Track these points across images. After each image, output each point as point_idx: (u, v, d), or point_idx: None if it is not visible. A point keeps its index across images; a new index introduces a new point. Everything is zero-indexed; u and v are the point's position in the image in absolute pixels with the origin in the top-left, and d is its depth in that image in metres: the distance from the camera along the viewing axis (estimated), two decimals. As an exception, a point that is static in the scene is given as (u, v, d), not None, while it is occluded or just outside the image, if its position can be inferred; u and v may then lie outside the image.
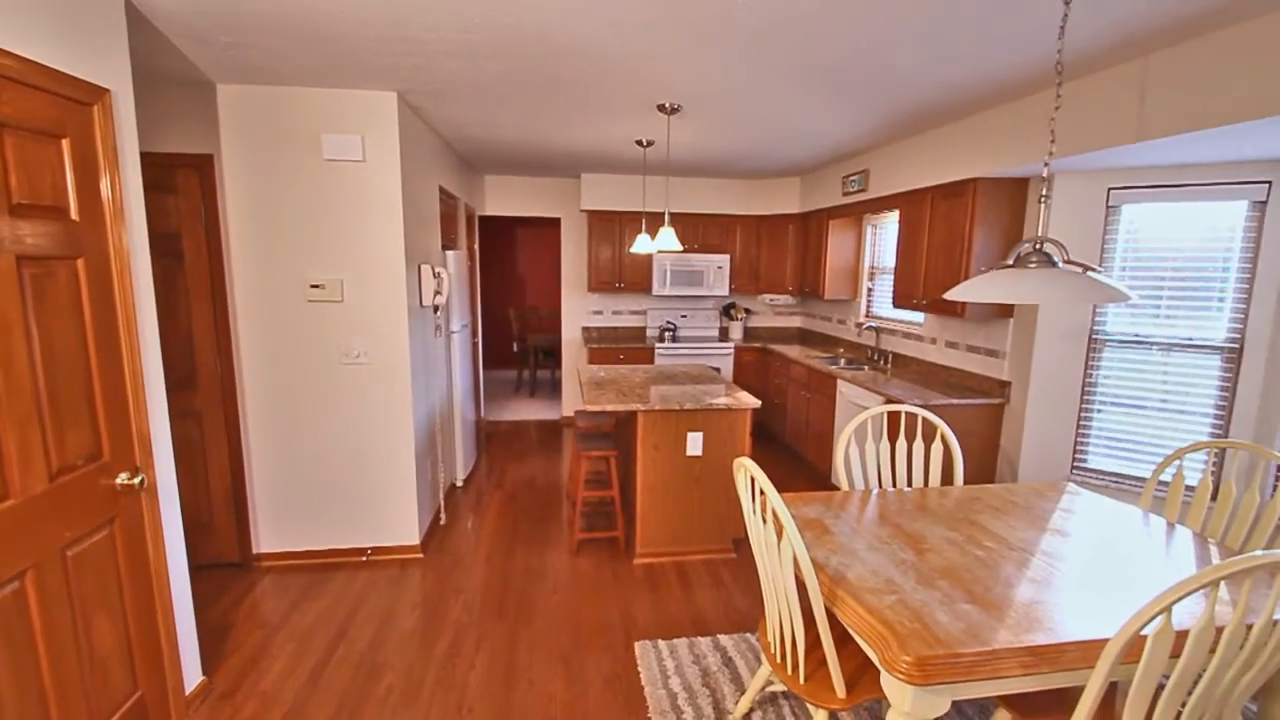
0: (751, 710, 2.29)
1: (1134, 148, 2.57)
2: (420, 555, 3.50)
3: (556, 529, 3.88)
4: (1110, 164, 2.96)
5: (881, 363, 4.84)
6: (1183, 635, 1.42)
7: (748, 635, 2.78)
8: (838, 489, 2.54)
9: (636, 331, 6.36)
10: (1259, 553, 1.25)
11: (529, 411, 6.92)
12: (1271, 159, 2.74)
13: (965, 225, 3.54)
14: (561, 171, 5.68)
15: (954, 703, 2.35)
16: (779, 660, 1.89)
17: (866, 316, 5.30)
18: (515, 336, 8.09)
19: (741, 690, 2.41)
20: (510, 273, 9.56)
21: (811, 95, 3.07)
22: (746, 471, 1.80)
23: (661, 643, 2.70)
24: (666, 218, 3.75)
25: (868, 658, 1.87)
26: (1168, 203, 3.06)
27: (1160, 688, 1.44)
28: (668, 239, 3.61)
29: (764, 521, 1.77)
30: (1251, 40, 2.09)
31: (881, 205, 4.47)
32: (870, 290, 5.30)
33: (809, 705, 2.25)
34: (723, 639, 2.74)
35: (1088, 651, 1.48)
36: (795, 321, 6.66)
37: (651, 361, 5.76)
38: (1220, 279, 2.97)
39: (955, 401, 3.58)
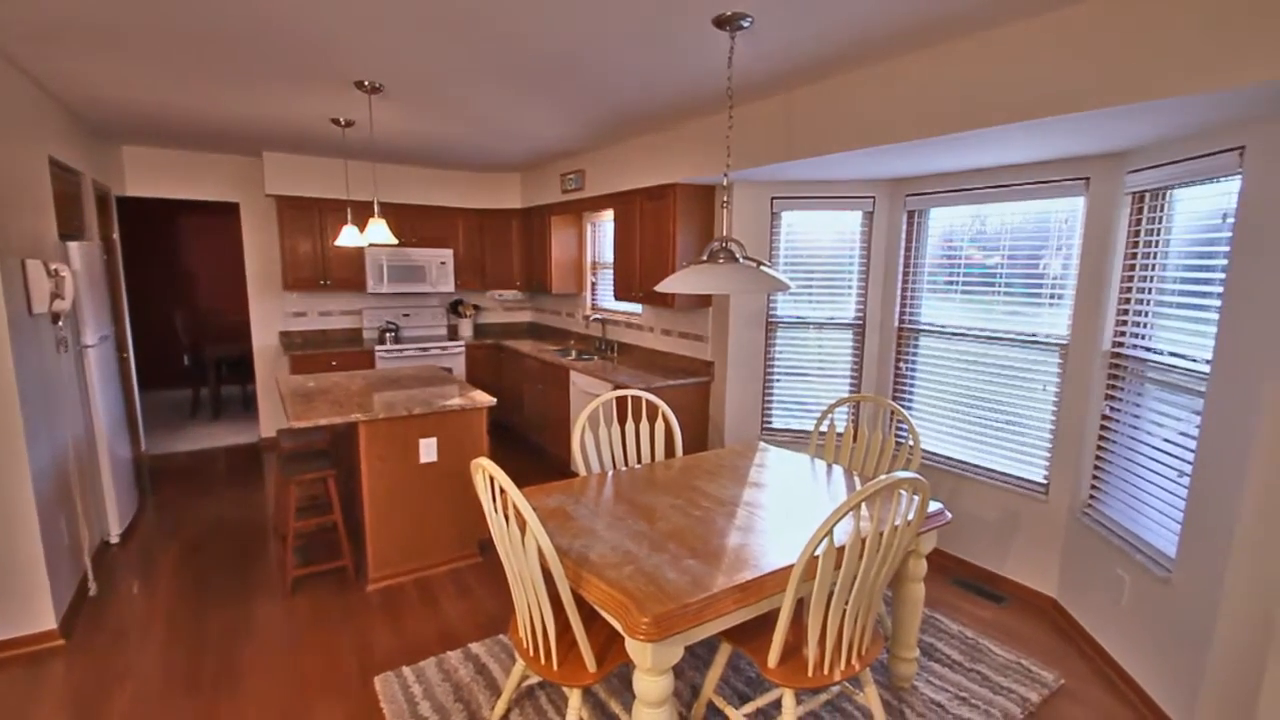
0: (509, 710, 2.25)
1: (786, 165, 3.16)
2: (61, 642, 2.65)
3: (263, 572, 3.30)
4: (772, 177, 3.59)
5: (609, 352, 5.16)
6: (841, 550, 1.79)
7: (500, 636, 2.73)
8: (578, 475, 2.63)
9: (351, 334, 5.73)
10: (882, 477, 1.64)
11: (213, 437, 5.75)
12: (876, 179, 3.61)
13: (669, 225, 3.95)
14: (236, 148, 4.80)
15: (687, 647, 2.63)
16: (532, 653, 1.89)
17: (592, 309, 5.60)
18: (186, 347, 6.63)
19: (498, 694, 2.35)
20: (173, 270, 7.79)
21: (522, 92, 3.09)
22: (485, 471, 1.75)
23: (406, 669, 2.49)
24: (376, 208, 3.44)
25: (614, 629, 1.98)
26: (812, 211, 3.83)
27: (831, 594, 1.82)
28: (379, 232, 3.31)
29: (506, 519, 1.74)
30: (859, 85, 2.72)
31: (598, 204, 4.75)
32: (594, 284, 5.60)
33: (564, 689, 2.30)
34: (474, 647, 2.64)
35: (780, 578, 1.78)
36: (526, 316, 6.72)
37: (372, 366, 5.25)
38: (849, 271, 3.83)
39: (672, 383, 4.00)
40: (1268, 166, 1.95)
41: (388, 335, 5.48)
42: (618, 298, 4.57)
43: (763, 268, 2.15)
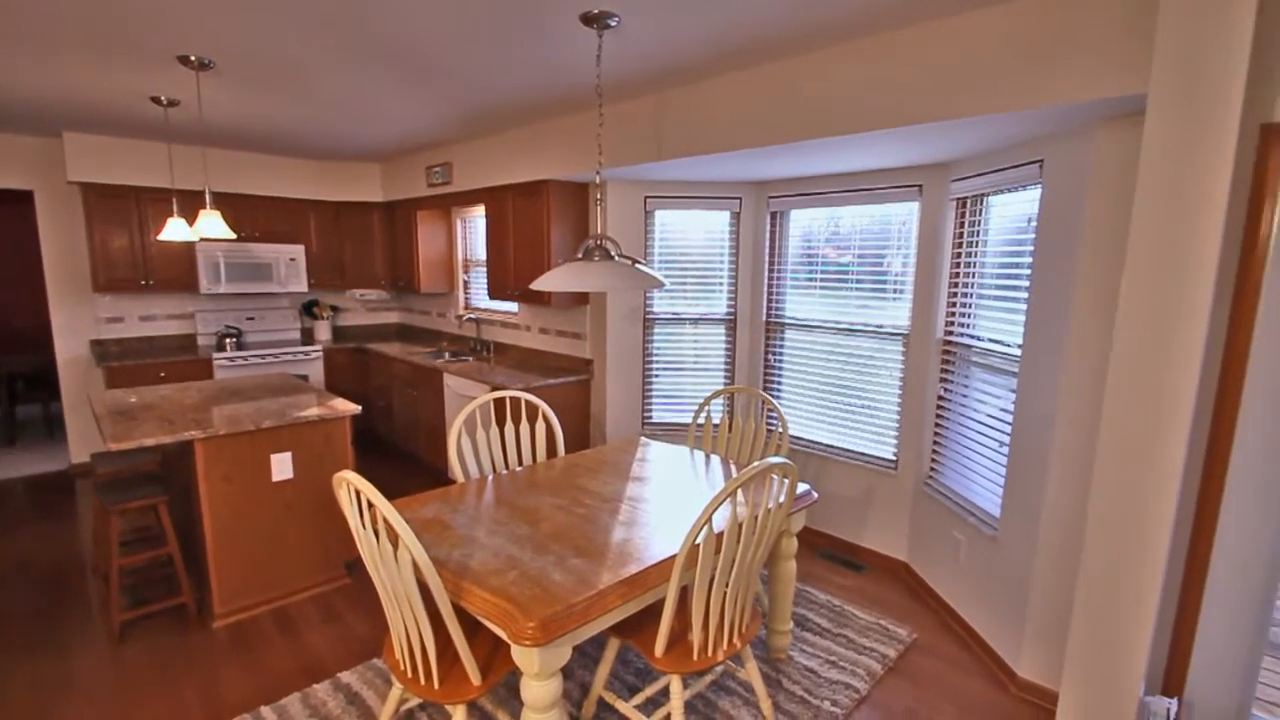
0: (385, 740, 2.11)
1: (658, 165, 3.22)
2: None
3: (82, 618, 2.83)
4: (645, 176, 3.65)
5: (485, 353, 5.00)
6: (721, 536, 1.86)
7: (374, 661, 2.54)
8: (456, 483, 2.51)
9: (183, 341, 5.08)
10: (755, 464, 1.72)
11: (9, 466, 4.85)
12: (742, 180, 3.78)
13: (543, 222, 3.89)
14: (27, 126, 4.07)
15: (575, 646, 2.61)
16: (410, 674, 1.78)
17: (465, 309, 5.39)
18: (-32, 363, 5.54)
19: (372, 723, 2.19)
20: (-54, 270, 6.47)
21: (379, 78, 2.89)
22: (350, 485, 1.62)
23: (265, 709, 2.25)
24: (208, 198, 3.05)
25: (499, 639, 1.92)
26: (684, 210, 3.94)
27: (712, 579, 1.88)
28: (212, 225, 2.95)
29: (377, 535, 1.62)
30: (724, 91, 2.83)
31: (468, 199, 4.57)
32: (467, 282, 5.39)
33: (447, 707, 2.19)
34: (344, 676, 2.44)
35: (665, 569, 1.82)
36: (393, 317, 6.33)
37: (210, 376, 4.69)
38: (720, 268, 3.99)
39: (552, 382, 3.95)
40: (1060, 178, 2.29)
41: (228, 341, 4.91)
42: (492, 297, 4.43)
43: (637, 265, 2.18)
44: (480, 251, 5.17)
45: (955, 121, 2.15)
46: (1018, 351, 2.53)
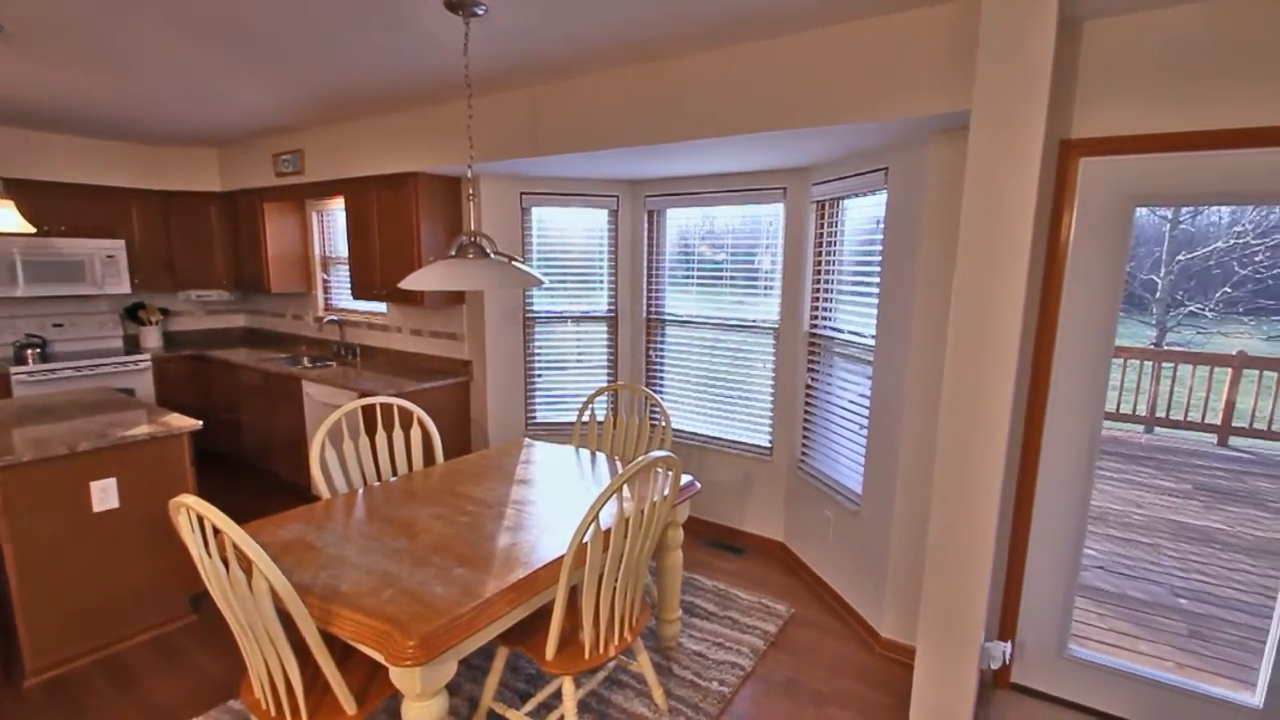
0: (246, 790, 1.90)
1: (533, 161, 3.16)
2: None
3: None
4: (521, 172, 3.56)
5: (350, 357, 4.65)
6: (608, 532, 1.86)
7: (231, 703, 2.28)
8: (320, 499, 2.32)
9: (-31, 354, 4.26)
10: (640, 459, 1.74)
11: None
12: (619, 179, 3.80)
13: (412, 217, 3.68)
14: None
15: (462, 660, 2.51)
16: (274, 713, 1.61)
17: (326, 310, 4.98)
18: None
19: (229, 774, 1.97)
20: None
21: (215, 52, 2.59)
22: (190, 511, 1.43)
23: (90, 778, 1.95)
24: (-1, 184, 2.58)
25: (377, 661, 1.79)
26: (562, 207, 3.90)
27: (601, 576, 1.88)
28: (3, 218, 2.50)
29: (225, 564, 1.45)
30: (599, 89, 2.83)
31: (324, 190, 4.22)
32: (327, 281, 4.98)
33: (319, 744, 2.01)
34: (192, 725, 2.17)
35: (553, 571, 1.79)
36: (239, 320, 5.70)
37: (8, 394, 3.97)
38: (600, 266, 3.99)
39: (427, 385, 3.75)
40: (902, 184, 2.52)
41: (30, 353, 4.18)
42: (356, 296, 4.13)
43: (514, 263, 2.12)
44: (341, 248, 4.80)
45: (813, 130, 2.30)
46: (872, 342, 2.77)
